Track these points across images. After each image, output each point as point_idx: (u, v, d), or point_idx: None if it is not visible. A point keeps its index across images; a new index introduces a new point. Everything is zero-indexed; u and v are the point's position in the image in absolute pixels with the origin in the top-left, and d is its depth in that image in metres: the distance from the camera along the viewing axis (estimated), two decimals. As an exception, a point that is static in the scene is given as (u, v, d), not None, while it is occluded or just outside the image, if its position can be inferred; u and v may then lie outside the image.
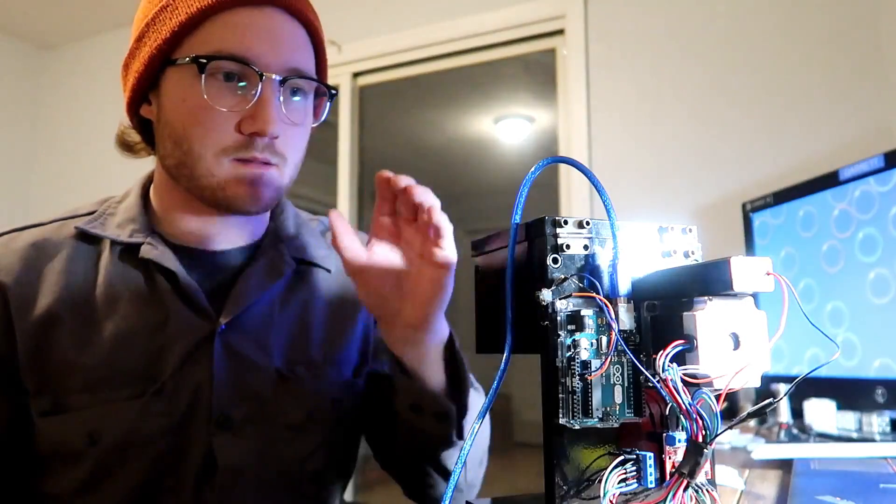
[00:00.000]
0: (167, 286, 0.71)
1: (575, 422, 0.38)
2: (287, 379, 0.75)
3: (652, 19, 2.09)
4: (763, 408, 0.36)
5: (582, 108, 2.14)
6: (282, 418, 0.74)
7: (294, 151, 0.72)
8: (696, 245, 0.43)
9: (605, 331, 0.39)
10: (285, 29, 0.69)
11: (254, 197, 0.69)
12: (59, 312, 0.70)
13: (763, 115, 1.89)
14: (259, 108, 0.66)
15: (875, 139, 1.70)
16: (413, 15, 2.50)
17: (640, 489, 0.39)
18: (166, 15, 0.68)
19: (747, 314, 0.37)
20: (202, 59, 0.65)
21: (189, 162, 0.68)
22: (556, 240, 0.40)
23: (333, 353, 0.80)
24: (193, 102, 0.67)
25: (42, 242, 0.73)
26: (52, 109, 3.31)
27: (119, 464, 0.68)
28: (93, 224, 0.74)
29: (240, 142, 0.67)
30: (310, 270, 0.81)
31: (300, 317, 0.78)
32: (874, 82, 1.75)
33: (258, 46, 0.67)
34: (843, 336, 1.18)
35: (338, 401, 0.79)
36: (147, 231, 0.74)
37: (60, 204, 0.80)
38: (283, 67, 0.68)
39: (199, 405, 0.70)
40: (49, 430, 0.69)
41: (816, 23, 1.85)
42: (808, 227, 1.28)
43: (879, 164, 1.13)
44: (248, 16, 0.67)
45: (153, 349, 0.70)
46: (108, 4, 2.95)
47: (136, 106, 0.74)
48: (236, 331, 0.73)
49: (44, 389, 0.69)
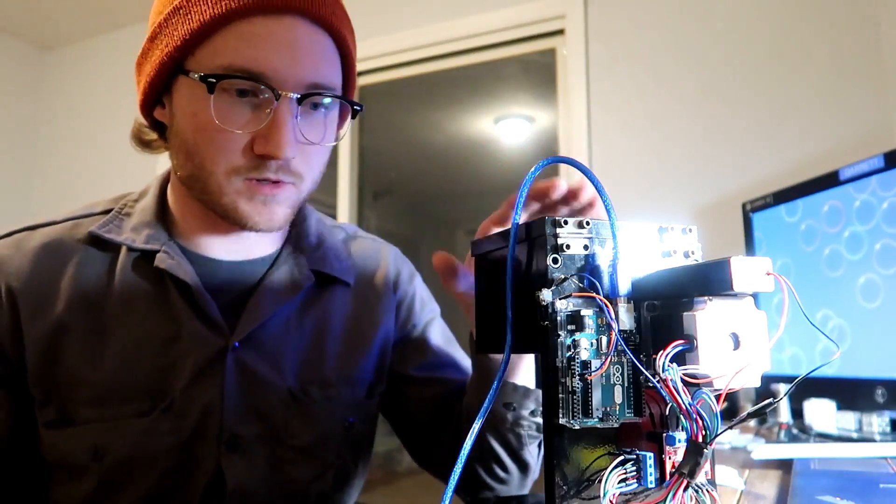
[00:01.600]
0: (180, 298, 0.69)
1: (575, 422, 0.38)
2: (299, 400, 0.73)
3: (652, 19, 2.09)
4: (763, 408, 0.36)
5: (582, 108, 2.14)
6: (292, 440, 0.72)
7: (311, 169, 0.68)
8: (696, 245, 0.43)
9: (605, 331, 0.39)
10: (307, 40, 0.63)
11: (267, 216, 0.66)
12: (70, 321, 0.67)
13: (763, 115, 1.88)
14: (273, 129, 0.61)
15: (875, 139, 1.70)
16: (413, 15, 2.50)
17: (640, 489, 0.39)
18: (178, 19, 0.63)
19: (747, 314, 0.37)
20: (212, 78, 0.60)
21: (201, 177, 0.65)
22: (556, 240, 0.40)
23: (348, 371, 0.77)
24: (204, 119, 0.62)
25: (55, 244, 0.70)
26: (53, 109, 3.31)
27: (125, 480, 0.67)
28: (107, 227, 0.71)
29: (252, 162, 0.63)
30: (329, 284, 0.78)
31: (316, 333, 0.76)
32: (874, 82, 1.75)
33: (275, 60, 0.61)
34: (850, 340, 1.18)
35: (350, 422, 0.77)
36: (163, 237, 0.71)
37: (61, 204, 0.79)
38: (302, 83, 0.63)
39: (208, 424, 0.68)
40: (54, 442, 0.67)
41: (816, 23, 1.85)
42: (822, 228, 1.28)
43: (879, 164, 1.13)
44: (265, 25, 0.61)
45: (164, 364, 0.68)
46: (108, 4, 2.94)
47: (150, 107, 0.70)
48: (250, 348, 0.70)
49: (50, 400, 0.67)
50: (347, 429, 0.77)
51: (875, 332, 1.12)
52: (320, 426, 0.74)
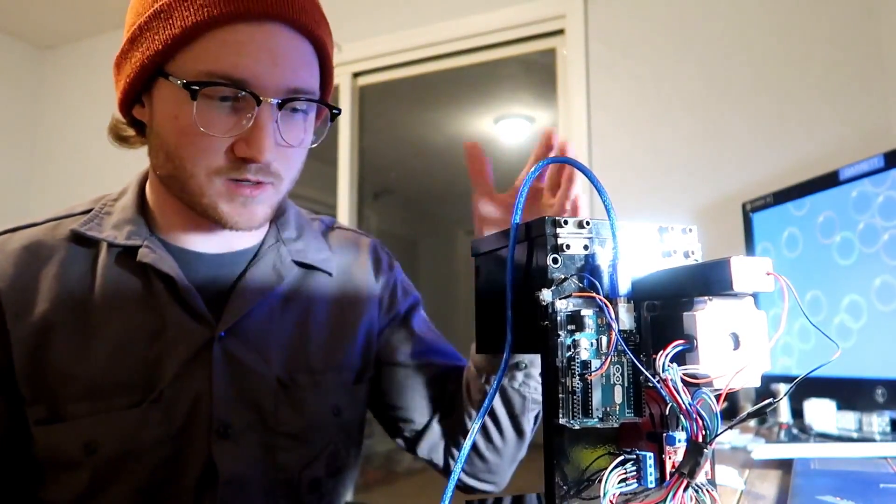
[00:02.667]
0: (165, 291, 0.70)
1: (575, 422, 0.38)
2: (287, 387, 0.74)
3: (652, 19, 2.09)
4: (763, 408, 0.36)
5: (582, 108, 2.14)
6: (282, 427, 0.73)
7: (290, 170, 0.70)
8: (696, 245, 0.43)
9: (605, 331, 0.39)
10: (287, 46, 0.65)
11: (246, 217, 0.67)
12: (55, 319, 0.68)
13: (763, 115, 1.88)
14: (254, 133, 0.63)
15: (875, 139, 1.70)
16: (413, 15, 2.50)
17: (640, 489, 0.39)
18: (160, 23, 0.64)
19: (747, 314, 0.37)
20: (194, 85, 0.61)
21: (181, 177, 0.66)
22: (556, 240, 0.40)
23: (335, 358, 0.79)
24: (185, 122, 0.63)
25: (36, 245, 0.71)
26: (52, 109, 3.30)
27: (117, 473, 0.67)
28: (88, 225, 0.72)
29: (232, 164, 0.65)
30: (311, 274, 0.80)
31: (301, 322, 0.77)
32: (874, 82, 1.75)
33: (256, 67, 0.62)
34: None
35: (338, 408, 0.78)
36: (145, 232, 0.72)
37: (60, 204, 0.79)
38: (283, 88, 0.64)
39: (198, 414, 0.69)
40: (45, 439, 0.68)
41: (816, 23, 1.85)
42: (824, 230, 1.28)
43: (879, 164, 1.13)
44: (246, 33, 0.62)
45: (151, 357, 0.69)
46: (108, 4, 2.94)
47: (129, 106, 0.71)
48: (236, 337, 0.71)
49: (40, 398, 0.68)
50: (336, 414, 0.78)
51: (875, 333, 1.12)
52: (309, 412, 0.75)
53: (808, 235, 1.28)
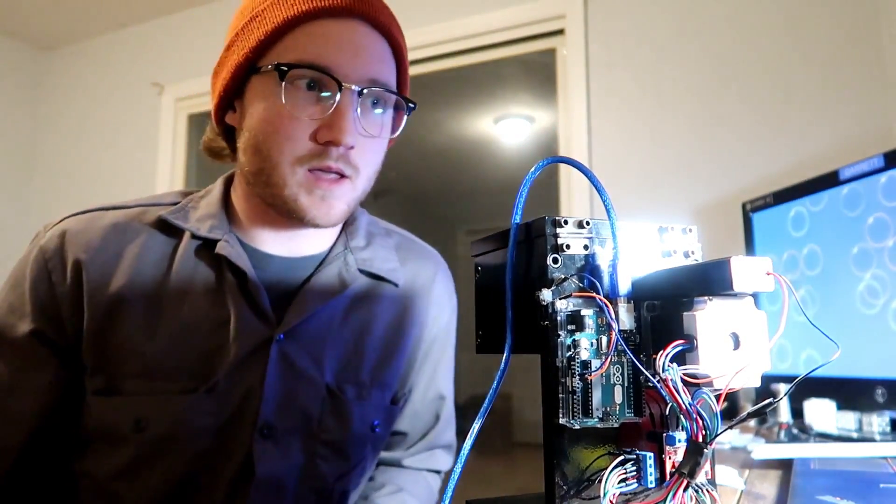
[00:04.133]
0: (235, 286, 0.72)
1: (575, 422, 0.38)
2: (335, 396, 0.76)
3: (652, 19, 2.09)
4: (763, 408, 0.36)
5: (582, 108, 2.14)
6: (324, 435, 0.75)
7: (368, 164, 0.72)
8: (696, 245, 0.43)
9: (605, 331, 0.39)
10: (367, 41, 0.70)
11: (324, 211, 0.70)
12: (129, 296, 0.71)
13: (763, 115, 1.88)
14: (336, 117, 0.67)
15: (875, 139, 1.70)
16: (413, 15, 2.50)
17: (640, 489, 0.39)
18: (254, 25, 0.70)
19: (747, 314, 0.37)
20: (283, 66, 0.66)
21: (266, 169, 0.69)
22: (556, 240, 0.40)
23: (381, 376, 0.80)
24: (274, 110, 0.68)
25: (123, 226, 0.74)
26: (52, 110, 3.31)
27: (160, 455, 0.69)
28: (176, 215, 0.75)
29: (315, 151, 0.68)
30: (376, 284, 0.81)
31: (358, 334, 0.79)
32: (874, 82, 1.75)
33: (339, 56, 0.68)
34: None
35: (376, 425, 0.80)
36: (225, 228, 0.75)
37: (60, 204, 0.80)
38: (363, 78, 0.69)
39: (246, 410, 0.71)
40: (99, 410, 0.70)
41: (817, 22, 1.85)
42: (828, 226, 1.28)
43: (879, 164, 1.13)
44: (331, 27, 0.68)
45: (212, 347, 0.71)
46: (108, 5, 2.94)
47: (223, 112, 0.75)
48: (294, 340, 0.73)
49: (101, 368, 0.70)
50: (373, 430, 0.80)
51: (875, 333, 1.12)
52: (351, 425, 0.77)
53: (818, 232, 1.28)
